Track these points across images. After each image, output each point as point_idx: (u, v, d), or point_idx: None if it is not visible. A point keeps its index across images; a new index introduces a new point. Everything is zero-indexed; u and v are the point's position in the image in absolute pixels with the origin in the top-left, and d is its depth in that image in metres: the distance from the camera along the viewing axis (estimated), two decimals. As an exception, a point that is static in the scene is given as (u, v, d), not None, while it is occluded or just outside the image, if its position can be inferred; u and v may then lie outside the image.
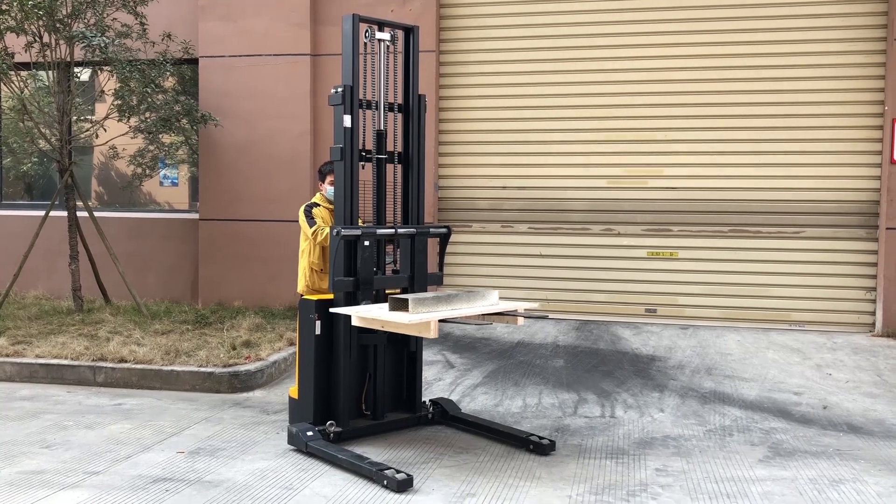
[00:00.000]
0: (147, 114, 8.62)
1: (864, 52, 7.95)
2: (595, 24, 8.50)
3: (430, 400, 5.61)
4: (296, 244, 6.08)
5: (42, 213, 8.55)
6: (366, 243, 5.02)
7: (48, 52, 8.23)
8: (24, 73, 8.71)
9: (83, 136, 9.06)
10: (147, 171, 9.48)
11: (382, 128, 5.31)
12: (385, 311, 4.61)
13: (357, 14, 5.13)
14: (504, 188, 8.80)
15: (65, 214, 8.65)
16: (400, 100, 5.45)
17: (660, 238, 8.43)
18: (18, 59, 8.40)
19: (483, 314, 4.81)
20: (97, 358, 6.79)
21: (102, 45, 7.90)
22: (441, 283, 5.65)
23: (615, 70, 8.46)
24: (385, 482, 4.32)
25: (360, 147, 5.20)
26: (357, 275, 5.03)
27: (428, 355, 7.13)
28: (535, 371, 6.82)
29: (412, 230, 5.26)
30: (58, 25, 8.07)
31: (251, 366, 6.61)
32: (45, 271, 9.66)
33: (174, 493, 4.26)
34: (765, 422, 5.65)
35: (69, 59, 8.35)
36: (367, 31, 5.20)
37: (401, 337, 5.28)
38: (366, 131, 5.28)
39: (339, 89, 5.07)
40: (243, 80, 9.03)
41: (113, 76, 8.54)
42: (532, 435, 5.04)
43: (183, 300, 9.41)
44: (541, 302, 8.66)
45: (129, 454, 4.90)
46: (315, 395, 5.09)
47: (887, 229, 7.79)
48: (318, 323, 5.06)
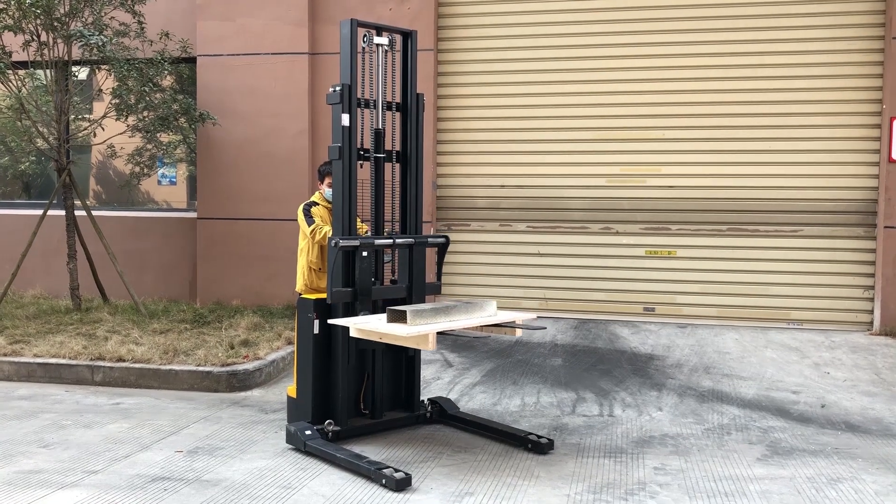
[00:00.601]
0: (145, 113, 8.61)
1: (863, 51, 7.95)
2: (593, 23, 8.49)
3: (429, 399, 5.61)
4: (294, 243, 6.08)
5: (40, 212, 8.54)
6: (364, 254, 5.03)
7: (46, 51, 8.23)
8: (22, 72, 8.70)
9: (81, 135, 9.05)
10: (145, 170, 9.49)
11: (381, 127, 5.31)
12: (383, 323, 4.60)
13: (355, 19, 5.14)
14: (502, 187, 8.79)
15: (63, 213, 8.65)
16: (398, 98, 5.45)
17: (658, 237, 8.43)
18: (16, 58, 8.39)
19: (481, 326, 4.81)
20: (95, 357, 6.78)
21: (100, 44, 7.89)
22: (439, 293, 5.65)
23: (613, 69, 8.46)
24: (383, 481, 4.32)
25: (359, 146, 5.21)
26: (355, 285, 5.03)
27: (426, 354, 7.12)
28: (534, 370, 6.82)
29: (410, 240, 5.26)
30: (55, 24, 8.06)
31: (249, 365, 6.61)
32: (43, 270, 9.65)
33: (172, 493, 4.25)
34: (763, 420, 5.65)
35: (67, 58, 8.34)
36: (366, 36, 5.21)
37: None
38: (364, 130, 5.28)
39: (338, 88, 5.07)
40: (241, 79, 9.02)
41: (111, 75, 8.53)
42: (531, 434, 5.04)
43: (181, 299, 9.40)
44: (539, 301, 8.67)
45: (128, 453, 4.90)
46: (313, 394, 5.09)
47: (885, 228, 7.79)
48: (317, 322, 5.06)
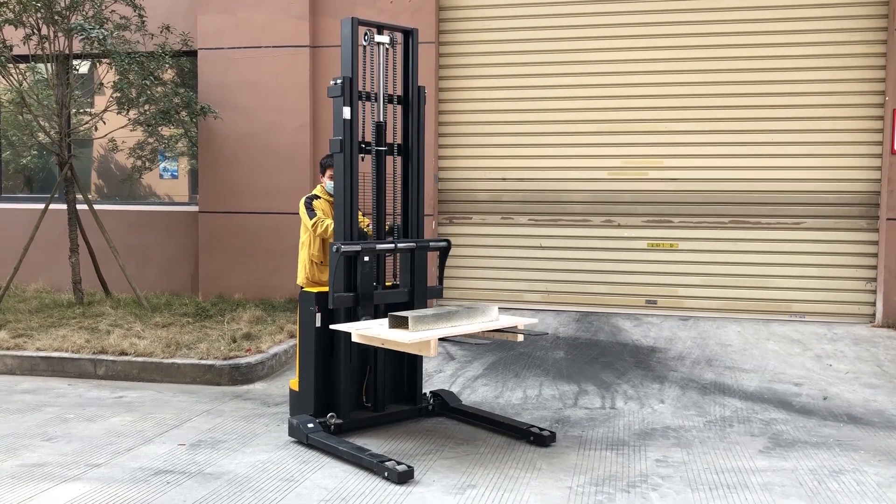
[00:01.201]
0: (146, 106, 8.60)
1: (865, 42, 7.92)
2: (595, 16, 8.46)
3: (431, 392, 5.62)
4: (296, 236, 6.08)
5: (42, 206, 8.55)
6: (366, 259, 5.03)
7: (47, 45, 8.22)
8: (23, 66, 8.68)
9: (82, 129, 9.05)
10: (147, 164, 9.48)
11: (382, 120, 5.30)
12: (385, 329, 4.61)
13: (356, 17, 5.13)
14: (504, 180, 8.78)
15: (64, 207, 8.65)
16: (399, 91, 5.43)
17: (660, 229, 8.42)
18: (17, 52, 8.38)
19: (483, 331, 4.81)
20: (98, 351, 6.79)
21: (101, 38, 7.88)
22: (441, 297, 5.66)
23: (615, 61, 8.43)
24: (386, 474, 4.33)
25: (360, 139, 5.20)
26: (357, 290, 5.04)
27: (428, 347, 7.12)
28: (536, 363, 6.82)
29: (412, 244, 5.26)
30: (56, 17, 8.05)
31: (252, 358, 6.62)
32: (46, 264, 9.65)
33: (175, 486, 4.26)
34: (765, 413, 5.65)
35: (68, 52, 8.33)
36: (367, 34, 5.19)
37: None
38: (365, 123, 5.27)
39: (339, 81, 5.06)
40: (242, 73, 9.01)
41: (112, 68, 8.52)
42: (533, 426, 5.04)
43: (183, 293, 9.41)
44: (541, 294, 8.66)
45: (131, 447, 4.91)
46: (316, 388, 5.09)
47: (888, 220, 7.78)
48: (319, 315, 5.07)
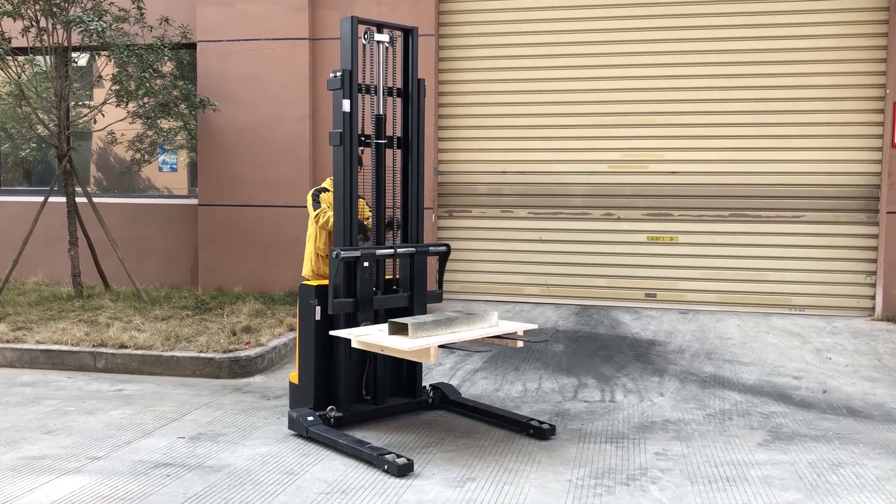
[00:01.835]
0: (145, 99, 8.58)
1: (865, 35, 7.90)
2: (595, 8, 8.44)
3: (431, 385, 5.63)
4: (296, 229, 6.09)
5: (41, 199, 8.53)
6: (365, 264, 5.03)
7: (45, 37, 8.19)
8: (22, 58, 8.65)
9: (81, 122, 9.03)
10: (146, 157, 9.47)
11: (382, 112, 5.29)
12: (385, 336, 4.61)
13: (356, 16, 5.12)
14: (504, 173, 8.77)
15: (64, 200, 8.64)
16: (399, 84, 5.42)
17: (660, 223, 8.41)
18: (15, 44, 8.35)
19: (483, 338, 4.81)
20: (97, 344, 6.79)
21: (100, 30, 7.85)
22: (440, 301, 5.67)
23: (616, 54, 8.41)
24: (386, 467, 4.34)
25: (360, 132, 5.19)
26: (356, 295, 5.04)
27: (428, 340, 7.13)
28: (535, 356, 6.82)
29: (412, 249, 5.28)
30: (55, 10, 8.02)
31: (251, 351, 6.62)
32: (45, 257, 9.65)
33: (175, 479, 4.27)
34: (764, 406, 5.66)
35: (66, 44, 8.31)
36: (366, 33, 5.18)
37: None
38: (365, 116, 5.26)
39: (338, 74, 5.05)
40: (242, 65, 8.98)
41: (111, 61, 8.49)
42: (532, 419, 5.05)
43: (183, 286, 9.40)
44: (540, 287, 8.66)
45: (130, 439, 4.91)
46: (315, 381, 5.10)
47: (888, 213, 7.77)
48: (318, 308, 5.07)
